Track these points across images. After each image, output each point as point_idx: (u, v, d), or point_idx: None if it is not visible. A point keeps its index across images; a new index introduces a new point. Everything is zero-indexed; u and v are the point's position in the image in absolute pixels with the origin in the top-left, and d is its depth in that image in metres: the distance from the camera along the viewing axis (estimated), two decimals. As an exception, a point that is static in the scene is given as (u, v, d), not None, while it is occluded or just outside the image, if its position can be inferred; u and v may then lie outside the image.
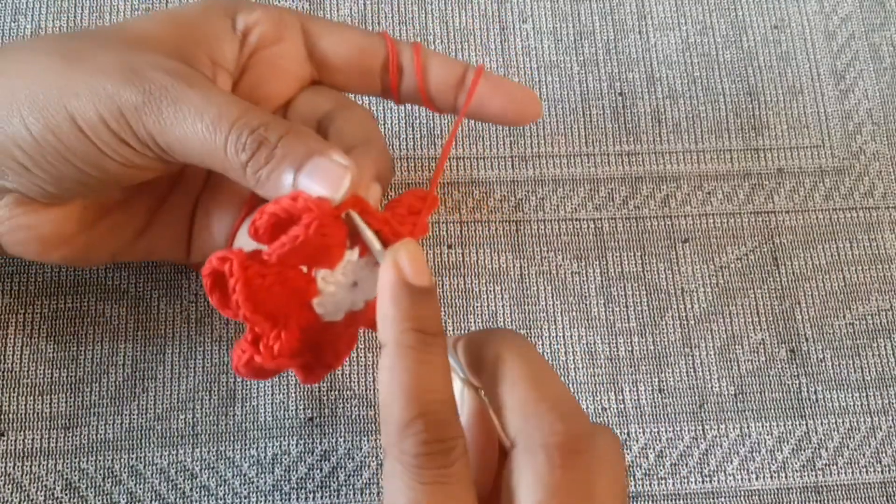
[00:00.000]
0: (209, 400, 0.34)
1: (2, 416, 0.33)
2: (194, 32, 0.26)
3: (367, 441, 0.34)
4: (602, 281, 0.37)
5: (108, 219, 0.29)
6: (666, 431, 0.35)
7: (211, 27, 0.27)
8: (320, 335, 0.26)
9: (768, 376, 0.36)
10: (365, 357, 0.35)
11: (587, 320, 0.36)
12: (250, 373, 0.25)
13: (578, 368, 0.35)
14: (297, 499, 0.33)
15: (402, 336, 0.22)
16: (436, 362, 0.22)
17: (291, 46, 0.29)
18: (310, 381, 0.26)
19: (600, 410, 0.35)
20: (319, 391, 0.34)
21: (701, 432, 0.35)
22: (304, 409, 0.34)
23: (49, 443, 0.33)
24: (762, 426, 0.35)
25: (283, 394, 0.34)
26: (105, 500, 0.32)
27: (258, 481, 0.33)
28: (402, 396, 0.22)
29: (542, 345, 0.36)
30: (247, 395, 0.34)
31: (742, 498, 0.34)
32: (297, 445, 0.33)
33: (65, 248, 0.28)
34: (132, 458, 0.33)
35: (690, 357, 0.36)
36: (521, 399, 0.23)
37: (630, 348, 0.36)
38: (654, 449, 0.35)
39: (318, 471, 0.33)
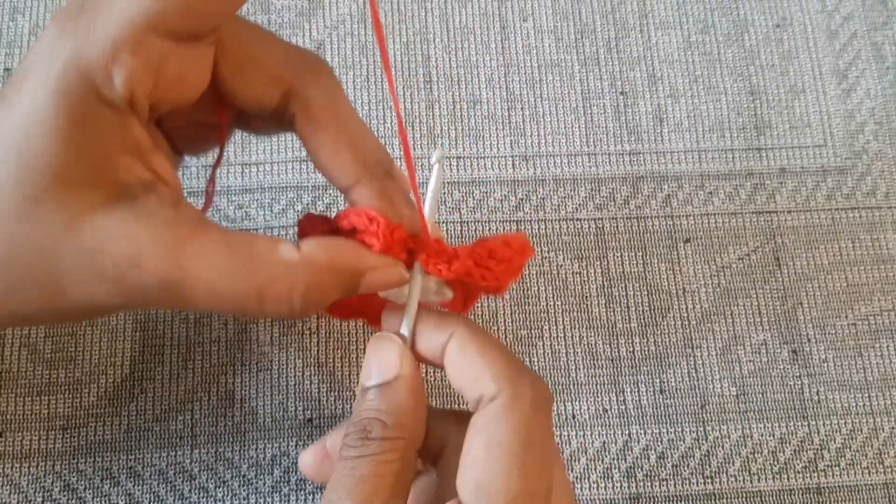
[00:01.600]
0: (208, 401, 0.34)
1: (0, 417, 0.33)
2: (93, 142, 0.22)
3: (367, 442, 0.34)
4: (603, 281, 0.36)
5: None
6: (667, 432, 0.35)
7: (101, 126, 0.22)
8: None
9: (770, 377, 0.36)
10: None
11: (588, 320, 0.36)
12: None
13: (579, 369, 0.35)
14: (296, 500, 0.33)
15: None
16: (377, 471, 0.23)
17: (175, 64, 0.22)
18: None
19: (601, 411, 0.35)
20: (319, 392, 0.34)
21: (703, 433, 0.35)
22: (303, 410, 0.34)
23: (47, 443, 0.33)
24: (764, 427, 0.35)
25: (283, 395, 0.34)
26: (103, 502, 0.32)
27: (257, 482, 0.33)
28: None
29: (543, 345, 0.35)
30: (245, 396, 0.34)
31: (744, 499, 0.34)
32: (296, 446, 0.33)
33: None
34: (130, 459, 0.33)
35: (692, 357, 0.36)
36: (492, 360, 0.24)
37: (631, 349, 0.36)
38: (655, 450, 0.34)
39: (318, 472, 0.33)
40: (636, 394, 0.35)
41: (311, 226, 0.27)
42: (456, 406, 0.34)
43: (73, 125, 0.21)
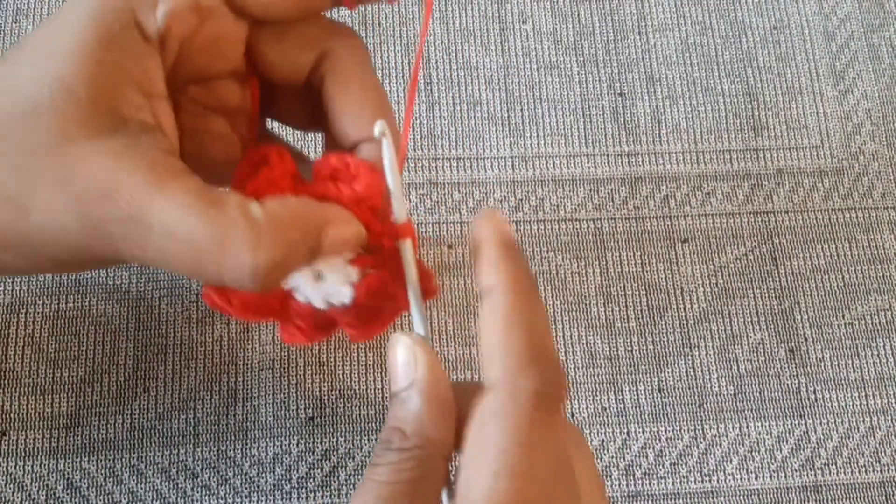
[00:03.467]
0: (210, 399, 0.34)
1: (3, 416, 0.33)
2: (113, 66, 0.22)
3: (368, 440, 0.34)
4: (602, 281, 0.37)
5: None
6: (665, 431, 0.35)
7: (125, 53, 0.22)
8: (332, 315, 0.27)
9: (767, 376, 0.36)
10: (365, 357, 0.35)
11: (587, 320, 0.36)
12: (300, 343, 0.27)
13: (578, 368, 0.35)
14: (298, 498, 0.33)
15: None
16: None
17: (217, 23, 0.24)
18: (359, 339, 0.28)
19: (600, 410, 0.35)
20: (320, 391, 0.34)
21: (700, 432, 0.35)
22: (304, 409, 0.34)
23: (50, 442, 0.33)
24: (761, 426, 0.35)
25: (284, 394, 0.34)
26: (106, 500, 0.33)
27: (259, 481, 0.33)
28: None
29: (542, 345, 0.36)
30: (248, 394, 0.34)
31: (741, 497, 0.34)
32: (297, 445, 0.33)
33: None
34: (133, 458, 0.33)
35: (690, 357, 0.36)
36: (508, 342, 0.21)
37: (630, 348, 0.36)
38: (653, 448, 0.35)
39: (319, 470, 0.33)
40: (634, 393, 0.35)
41: (268, 176, 0.25)
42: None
43: (100, 40, 0.21)
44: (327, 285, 0.25)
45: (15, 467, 0.33)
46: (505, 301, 0.22)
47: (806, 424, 0.35)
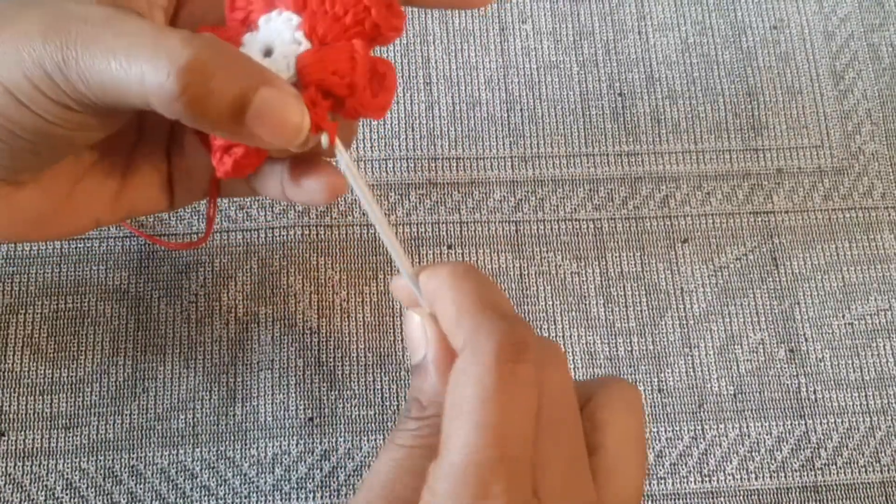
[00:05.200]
0: (209, 400, 0.34)
1: (2, 416, 0.33)
2: None
3: (367, 441, 0.34)
4: (601, 281, 0.37)
5: (81, 186, 0.27)
6: (665, 431, 0.35)
7: None
8: None
9: (767, 376, 0.36)
10: (365, 357, 0.35)
11: (587, 320, 0.36)
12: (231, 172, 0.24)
13: (578, 368, 0.35)
14: (297, 498, 0.33)
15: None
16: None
17: None
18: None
19: (600, 410, 0.35)
20: (319, 391, 0.34)
21: (700, 432, 0.35)
22: (304, 409, 0.34)
23: (49, 443, 0.33)
24: (761, 426, 0.35)
25: (284, 394, 0.34)
26: (105, 500, 0.32)
27: (258, 481, 0.33)
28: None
29: (542, 345, 0.36)
30: (247, 395, 0.34)
31: (741, 498, 0.34)
32: (297, 445, 0.33)
33: (46, 226, 0.27)
34: (132, 458, 0.33)
35: (690, 357, 0.36)
36: (462, 308, 0.22)
37: (629, 348, 0.36)
38: (653, 449, 0.35)
39: (318, 471, 0.33)
40: (634, 393, 0.35)
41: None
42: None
43: None
44: (274, 60, 0.24)
45: (14, 467, 0.33)
46: (448, 280, 0.23)
47: (806, 425, 0.35)
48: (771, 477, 0.34)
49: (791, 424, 0.35)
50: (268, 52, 0.24)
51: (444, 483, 0.20)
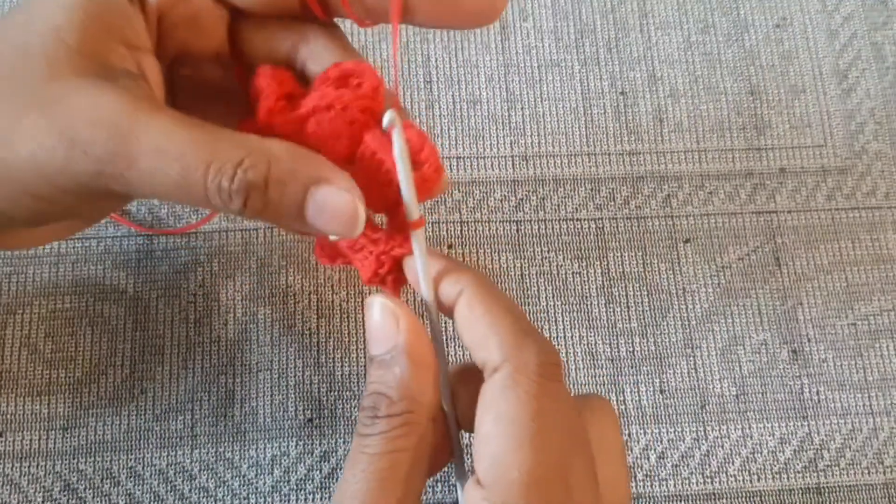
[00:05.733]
0: (208, 401, 0.34)
1: (0, 417, 0.33)
2: (100, 19, 0.23)
3: (367, 442, 0.34)
4: (603, 281, 0.36)
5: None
6: (667, 432, 0.35)
7: (110, 9, 0.23)
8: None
9: (770, 377, 0.36)
10: (365, 357, 0.35)
11: (588, 321, 0.36)
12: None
13: (579, 369, 0.35)
14: (297, 500, 0.33)
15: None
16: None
17: (195, 2, 0.25)
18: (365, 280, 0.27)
19: (601, 411, 0.35)
20: (319, 392, 0.34)
21: (702, 433, 0.35)
22: (303, 411, 0.34)
23: (47, 444, 0.33)
24: (764, 427, 0.35)
25: (283, 395, 0.34)
26: (103, 502, 0.32)
27: (257, 482, 0.33)
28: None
29: (543, 345, 0.35)
30: (246, 396, 0.34)
31: (744, 499, 0.34)
32: (296, 446, 0.33)
33: (20, 241, 0.27)
34: (131, 459, 0.33)
35: (692, 357, 0.36)
36: (498, 324, 0.22)
37: (631, 349, 0.36)
38: (655, 450, 0.34)
39: (318, 472, 0.33)
40: (636, 394, 0.35)
41: (269, 83, 0.24)
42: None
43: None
44: None
45: (11, 469, 0.32)
46: (480, 293, 0.23)
47: (809, 426, 0.35)
48: (773, 478, 0.34)
49: (794, 425, 0.35)
50: None
51: (497, 499, 0.20)
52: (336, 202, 0.22)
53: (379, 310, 0.23)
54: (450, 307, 0.24)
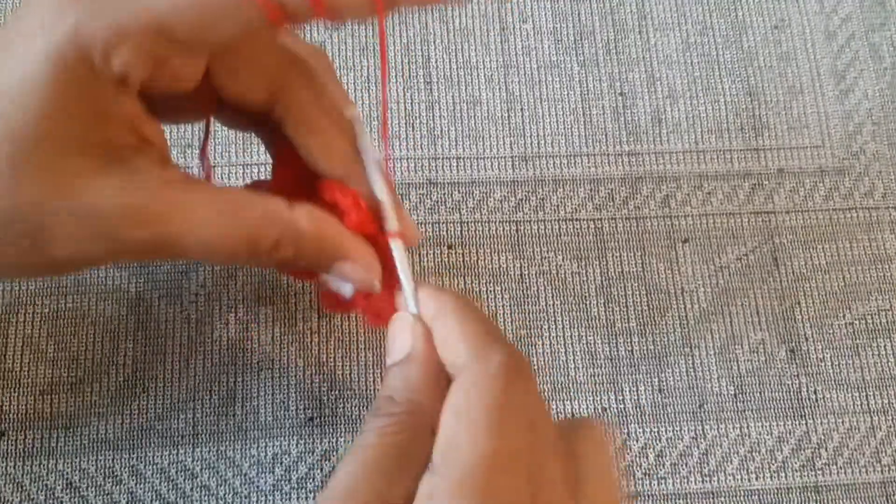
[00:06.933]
0: (209, 400, 0.34)
1: (2, 416, 0.33)
2: (89, 109, 0.22)
3: (368, 441, 0.34)
4: (602, 281, 0.37)
5: None
6: (666, 431, 0.35)
7: (92, 94, 0.22)
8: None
9: (768, 376, 0.36)
10: (365, 356, 0.35)
11: (587, 320, 0.36)
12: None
13: (578, 368, 0.35)
14: (298, 498, 0.33)
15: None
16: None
17: (173, 64, 0.24)
18: (371, 323, 0.31)
19: (600, 410, 0.35)
20: (320, 391, 0.34)
21: (701, 432, 0.35)
22: (304, 409, 0.34)
23: (50, 442, 0.33)
24: (762, 426, 0.35)
25: (284, 394, 0.34)
26: (105, 500, 0.32)
27: (258, 481, 0.33)
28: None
29: (542, 345, 0.36)
30: (247, 394, 0.34)
31: (742, 498, 0.34)
32: (297, 445, 0.33)
33: None
34: (132, 458, 0.33)
35: (690, 357, 0.36)
36: (468, 331, 0.23)
37: (630, 348, 0.36)
38: (653, 449, 0.35)
39: (319, 470, 0.33)
40: (635, 393, 0.35)
41: (288, 173, 0.28)
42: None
43: (65, 93, 0.21)
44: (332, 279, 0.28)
45: (14, 467, 0.33)
46: (451, 302, 0.24)
47: (807, 424, 0.35)
48: (771, 477, 0.34)
49: (792, 424, 0.35)
50: None
51: (446, 484, 0.20)
52: (356, 276, 0.26)
53: (399, 323, 0.25)
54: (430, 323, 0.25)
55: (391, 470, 0.21)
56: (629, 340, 0.36)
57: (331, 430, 0.34)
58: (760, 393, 0.35)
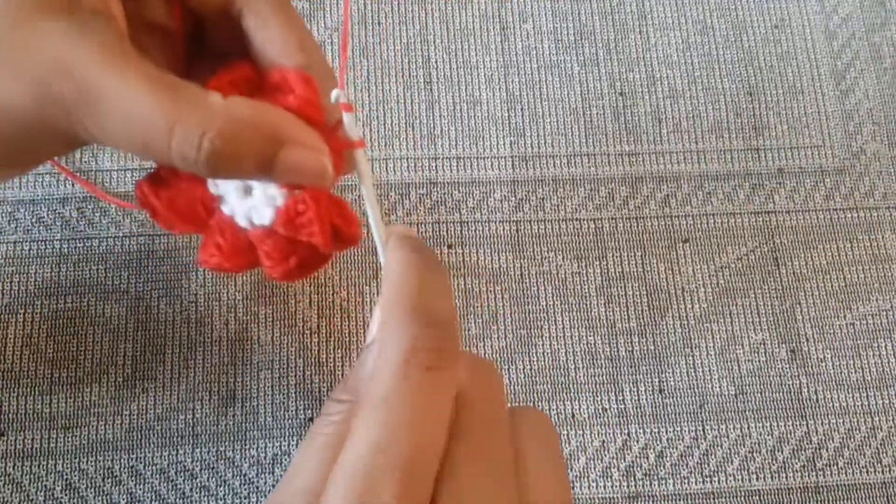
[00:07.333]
0: (209, 400, 0.34)
1: (2, 416, 0.33)
2: None
3: (368, 441, 0.34)
4: (602, 281, 0.37)
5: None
6: (666, 432, 0.35)
7: None
8: (256, 242, 0.25)
9: (769, 376, 0.36)
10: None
11: (587, 320, 0.36)
12: (214, 269, 0.26)
13: (579, 368, 0.35)
14: (297, 499, 0.33)
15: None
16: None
17: None
18: (273, 275, 0.26)
19: (601, 411, 0.35)
20: (319, 391, 0.34)
21: (701, 432, 0.35)
22: (303, 410, 0.34)
23: (49, 443, 0.33)
24: (762, 426, 0.35)
25: (283, 394, 0.34)
26: (105, 501, 0.32)
27: (258, 481, 0.33)
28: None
29: (543, 345, 0.36)
30: (246, 395, 0.34)
31: (742, 498, 0.34)
32: (297, 445, 0.33)
33: None
34: (132, 459, 0.33)
35: (691, 357, 0.36)
36: (393, 300, 0.21)
37: (630, 348, 0.36)
38: (654, 449, 0.35)
39: (318, 471, 0.33)
40: (635, 393, 0.35)
41: (233, 74, 0.24)
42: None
43: None
44: (253, 200, 0.25)
45: (13, 468, 0.33)
46: (392, 267, 0.22)
47: (807, 425, 0.35)
48: (772, 477, 0.34)
49: (792, 425, 0.35)
50: (247, 190, 0.25)
51: (338, 482, 0.18)
52: (308, 163, 0.23)
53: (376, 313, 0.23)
54: None
55: (332, 460, 0.19)
56: (629, 340, 0.36)
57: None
58: (761, 393, 0.35)
